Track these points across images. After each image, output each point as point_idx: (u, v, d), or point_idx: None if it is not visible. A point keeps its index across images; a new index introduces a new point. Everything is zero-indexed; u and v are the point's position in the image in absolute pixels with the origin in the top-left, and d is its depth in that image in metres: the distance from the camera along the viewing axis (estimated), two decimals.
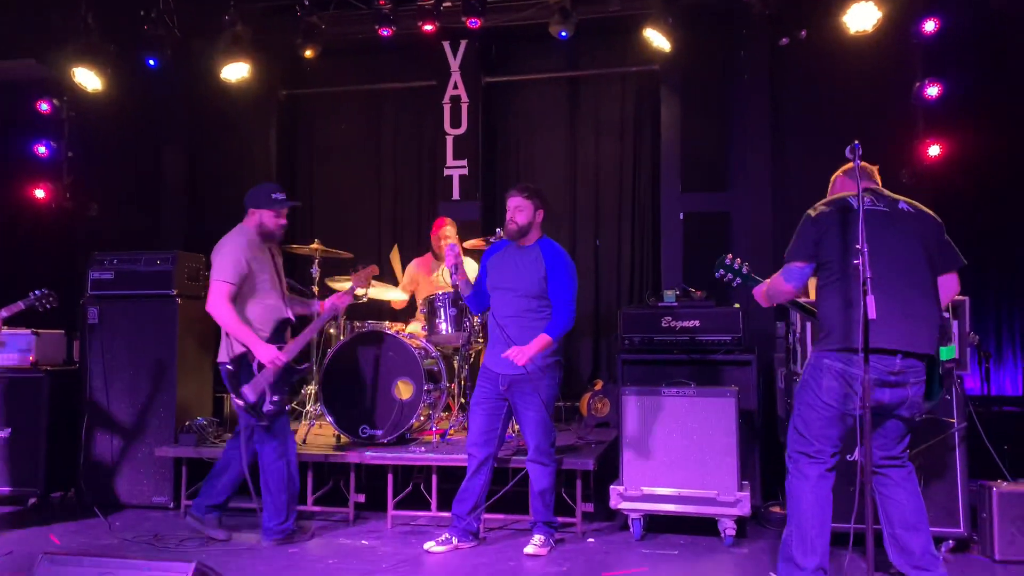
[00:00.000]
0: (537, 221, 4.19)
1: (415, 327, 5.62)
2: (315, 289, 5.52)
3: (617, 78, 7.13)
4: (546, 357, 4.06)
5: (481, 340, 5.27)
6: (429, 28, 6.55)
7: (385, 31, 6.50)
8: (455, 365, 5.34)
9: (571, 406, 6.18)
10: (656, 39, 6.01)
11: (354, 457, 4.78)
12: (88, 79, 6.36)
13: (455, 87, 7.07)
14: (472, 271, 5.31)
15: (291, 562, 4.02)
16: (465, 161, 7.04)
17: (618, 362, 5.21)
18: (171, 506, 5.10)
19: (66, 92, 6.77)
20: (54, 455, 5.17)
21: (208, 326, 4.75)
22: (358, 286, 4.69)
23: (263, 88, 7.08)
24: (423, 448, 4.83)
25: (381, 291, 5.78)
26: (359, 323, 5.32)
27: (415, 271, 6.04)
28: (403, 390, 4.95)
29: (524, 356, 3.94)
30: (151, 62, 6.54)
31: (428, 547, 4.16)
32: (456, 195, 7.03)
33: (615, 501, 4.38)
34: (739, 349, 5.05)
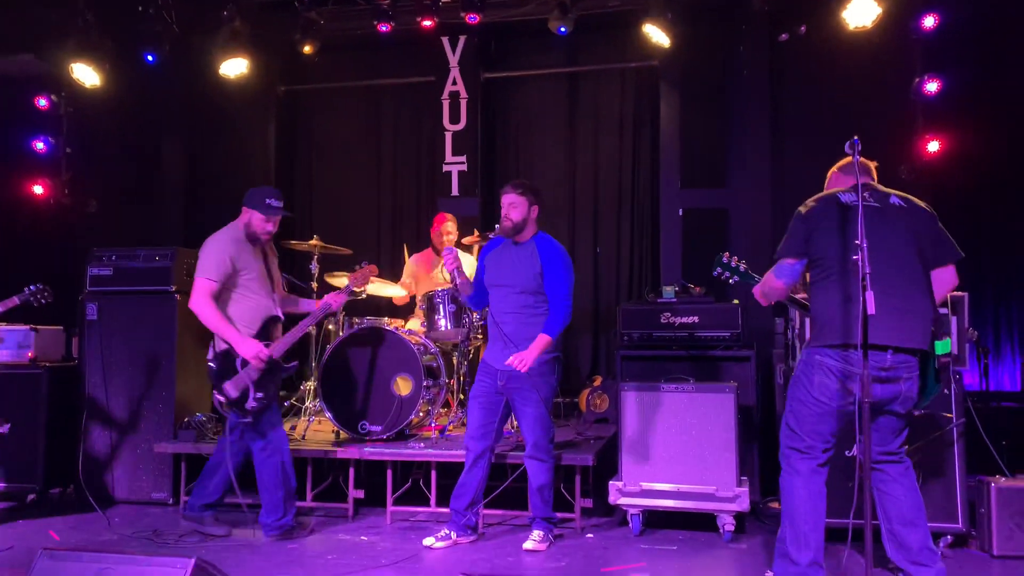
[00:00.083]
0: (532, 217, 4.19)
1: (414, 323, 5.62)
2: (314, 285, 5.52)
3: (616, 74, 7.13)
4: (544, 354, 4.06)
5: (480, 336, 5.27)
6: (428, 24, 6.54)
7: (384, 27, 6.49)
8: (454, 361, 5.34)
9: (570, 402, 6.19)
10: (655, 35, 6.00)
11: (353, 453, 4.78)
12: (86, 75, 6.35)
13: (454, 83, 7.06)
14: (470, 266, 5.30)
15: (290, 558, 4.02)
16: (464, 157, 7.04)
17: (617, 358, 5.20)
18: (170, 502, 5.10)
19: (64, 88, 6.77)
20: (53, 451, 5.17)
21: None
22: (355, 285, 4.66)
23: (262, 84, 7.06)
24: (422, 444, 4.83)
25: (381, 287, 5.78)
26: (358, 319, 5.32)
27: (415, 267, 6.04)
28: (402, 386, 4.96)
29: (527, 362, 3.96)
30: (149, 58, 6.54)
31: (427, 543, 4.17)
32: (455, 191, 7.02)
33: (614, 497, 4.39)
34: (738, 345, 5.05)
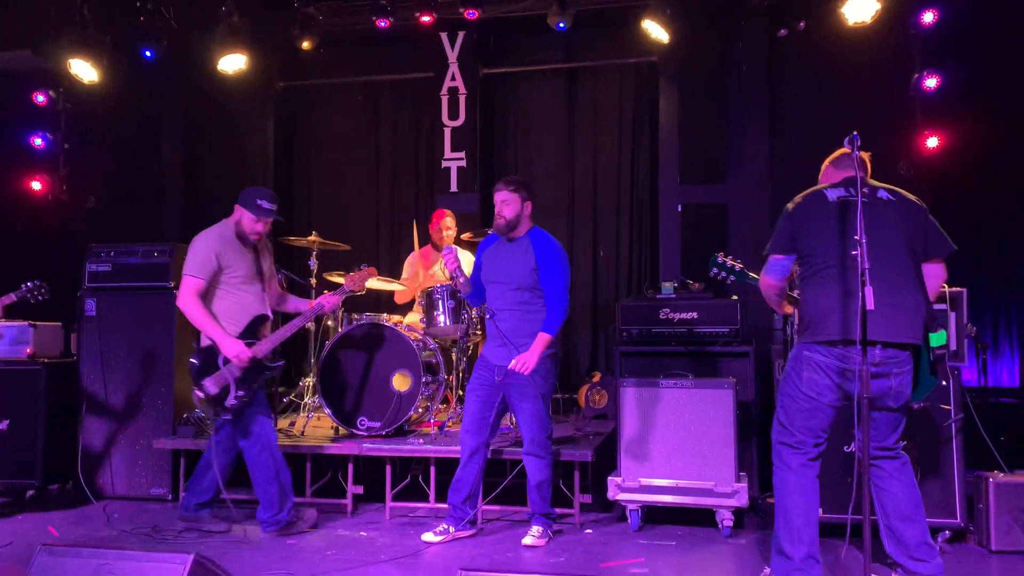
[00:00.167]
0: (525, 213, 4.18)
1: (412, 317, 5.62)
2: (312, 281, 5.51)
3: (615, 70, 7.12)
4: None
5: (479, 332, 5.27)
6: (427, 19, 6.53)
7: (382, 22, 6.48)
8: (453, 357, 5.34)
9: (569, 398, 6.20)
10: (654, 30, 6.00)
11: (352, 449, 4.78)
12: (84, 70, 6.34)
13: (453, 79, 7.05)
14: (469, 264, 5.30)
15: (289, 553, 4.02)
16: (463, 153, 7.03)
17: (616, 354, 5.21)
18: (169, 498, 5.09)
19: (62, 83, 6.76)
20: (52, 447, 5.16)
21: None
22: (350, 287, 4.62)
23: (260, 80, 7.05)
24: (421, 440, 4.84)
25: (382, 283, 5.78)
26: (357, 315, 5.32)
27: (414, 263, 6.03)
28: (401, 382, 4.95)
29: (529, 365, 3.97)
30: (147, 53, 6.53)
31: (426, 538, 4.17)
32: (454, 187, 7.02)
33: (613, 492, 4.39)
34: (737, 341, 5.05)
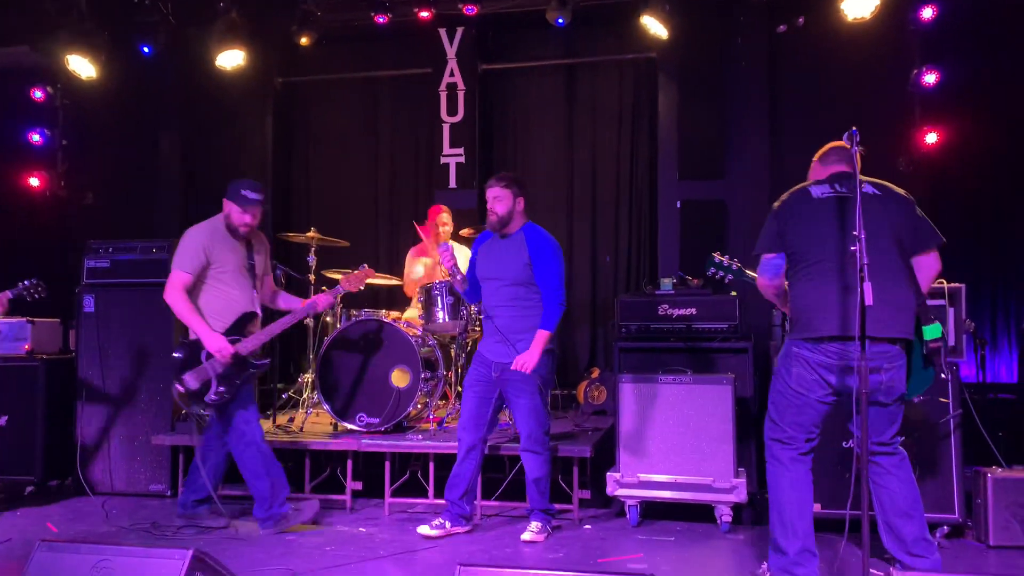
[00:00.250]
0: (518, 209, 4.19)
1: (412, 315, 5.62)
2: (311, 278, 5.51)
3: (614, 65, 7.11)
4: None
5: (478, 328, 5.26)
6: (425, 15, 6.53)
7: (381, 18, 6.48)
8: (452, 353, 5.34)
9: (568, 394, 6.20)
10: (653, 26, 5.98)
11: (351, 445, 4.78)
12: (82, 66, 6.32)
13: (451, 74, 7.04)
14: (465, 260, 5.30)
15: (288, 549, 4.02)
16: (462, 149, 7.02)
17: (615, 350, 5.21)
18: (168, 494, 5.10)
19: (60, 79, 6.74)
20: (50, 443, 5.17)
21: None
22: (345, 287, 4.61)
23: (259, 76, 7.04)
24: (420, 436, 4.84)
25: (382, 280, 5.78)
26: (356, 311, 5.32)
27: (413, 260, 6.03)
28: (400, 378, 4.96)
29: (530, 364, 3.98)
30: (145, 49, 6.51)
31: (422, 531, 4.17)
32: (453, 183, 7.01)
33: (612, 488, 4.39)
34: (735, 337, 5.05)
